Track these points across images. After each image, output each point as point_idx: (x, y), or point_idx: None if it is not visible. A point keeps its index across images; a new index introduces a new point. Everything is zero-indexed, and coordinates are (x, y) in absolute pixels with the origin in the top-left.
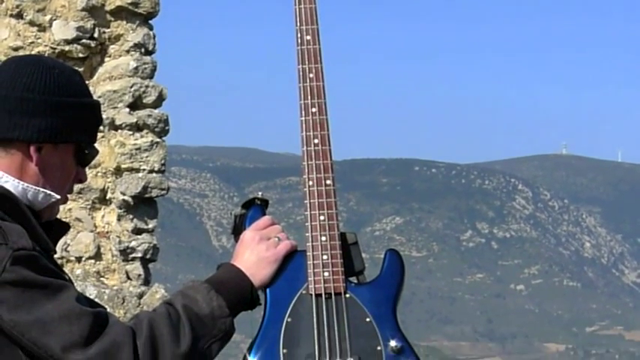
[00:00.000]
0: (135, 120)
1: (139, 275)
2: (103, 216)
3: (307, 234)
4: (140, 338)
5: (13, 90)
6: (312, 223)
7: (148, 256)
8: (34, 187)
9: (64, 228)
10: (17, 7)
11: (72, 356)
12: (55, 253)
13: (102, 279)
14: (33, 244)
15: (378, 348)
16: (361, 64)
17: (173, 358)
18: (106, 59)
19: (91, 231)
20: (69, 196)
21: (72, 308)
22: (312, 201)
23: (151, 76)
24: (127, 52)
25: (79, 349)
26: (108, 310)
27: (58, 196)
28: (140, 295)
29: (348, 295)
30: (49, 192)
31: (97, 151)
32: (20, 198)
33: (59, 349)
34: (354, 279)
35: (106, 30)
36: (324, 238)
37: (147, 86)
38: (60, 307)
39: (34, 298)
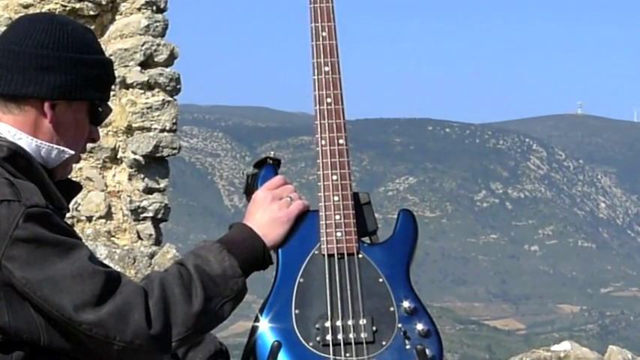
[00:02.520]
0: (146, 79)
1: (150, 235)
2: (113, 175)
3: (320, 194)
4: (152, 298)
5: (27, 46)
6: (325, 183)
7: (159, 216)
8: (48, 143)
9: (76, 188)
10: None
11: (84, 315)
12: (68, 211)
13: (113, 239)
14: (46, 202)
15: (391, 309)
16: (375, 23)
17: (185, 318)
18: (117, 17)
19: (102, 190)
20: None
21: (84, 267)
22: (324, 160)
23: (162, 35)
24: (139, 9)
25: (91, 308)
26: (119, 270)
27: (72, 152)
28: (151, 255)
29: (360, 256)
30: (62, 148)
31: (110, 110)
32: (34, 155)
33: (71, 308)
34: (366, 239)
35: None
36: (336, 198)
37: (158, 44)
38: (72, 266)
39: (46, 256)
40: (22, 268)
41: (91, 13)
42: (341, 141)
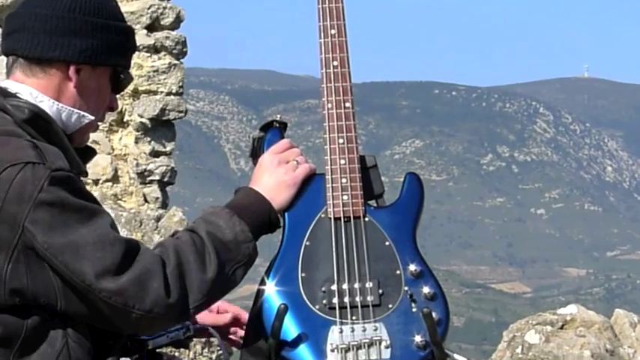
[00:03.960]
0: (152, 42)
1: (157, 198)
2: (120, 138)
3: (326, 157)
4: (169, 266)
5: (54, 10)
6: (331, 146)
7: (165, 179)
8: (69, 107)
9: (90, 152)
10: None
11: (104, 283)
12: (86, 176)
13: (119, 202)
14: (69, 167)
15: (397, 272)
16: None
17: (200, 285)
18: None
19: (109, 153)
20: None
21: (106, 234)
22: (331, 124)
23: None
24: None
25: (111, 276)
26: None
27: (92, 117)
28: (158, 218)
29: (367, 219)
30: (82, 113)
31: (131, 78)
32: (54, 118)
33: (92, 275)
34: (373, 202)
35: None
36: (343, 162)
37: (164, 7)
38: (94, 233)
39: (69, 221)
40: (45, 232)
41: None
42: (347, 104)
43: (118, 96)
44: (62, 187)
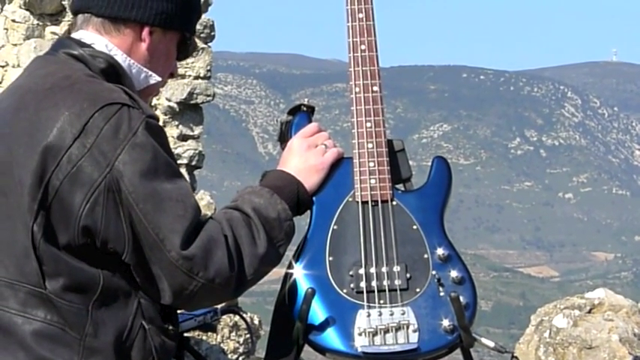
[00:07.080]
0: None
1: None
2: None
3: (354, 141)
4: (229, 238)
5: None
6: (359, 130)
7: (193, 163)
8: (139, 65)
9: None
10: None
11: (176, 243)
12: None
13: None
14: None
15: (425, 256)
16: None
17: (252, 260)
18: None
19: None
20: None
21: (188, 196)
22: (358, 108)
23: None
24: None
25: (184, 238)
26: None
27: (160, 78)
28: None
29: (394, 203)
30: (150, 72)
31: (196, 45)
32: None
33: (168, 230)
34: (400, 186)
35: None
36: (370, 146)
37: None
38: (178, 191)
39: (157, 172)
40: (134, 175)
41: None
42: (375, 88)
43: None
44: (155, 135)
